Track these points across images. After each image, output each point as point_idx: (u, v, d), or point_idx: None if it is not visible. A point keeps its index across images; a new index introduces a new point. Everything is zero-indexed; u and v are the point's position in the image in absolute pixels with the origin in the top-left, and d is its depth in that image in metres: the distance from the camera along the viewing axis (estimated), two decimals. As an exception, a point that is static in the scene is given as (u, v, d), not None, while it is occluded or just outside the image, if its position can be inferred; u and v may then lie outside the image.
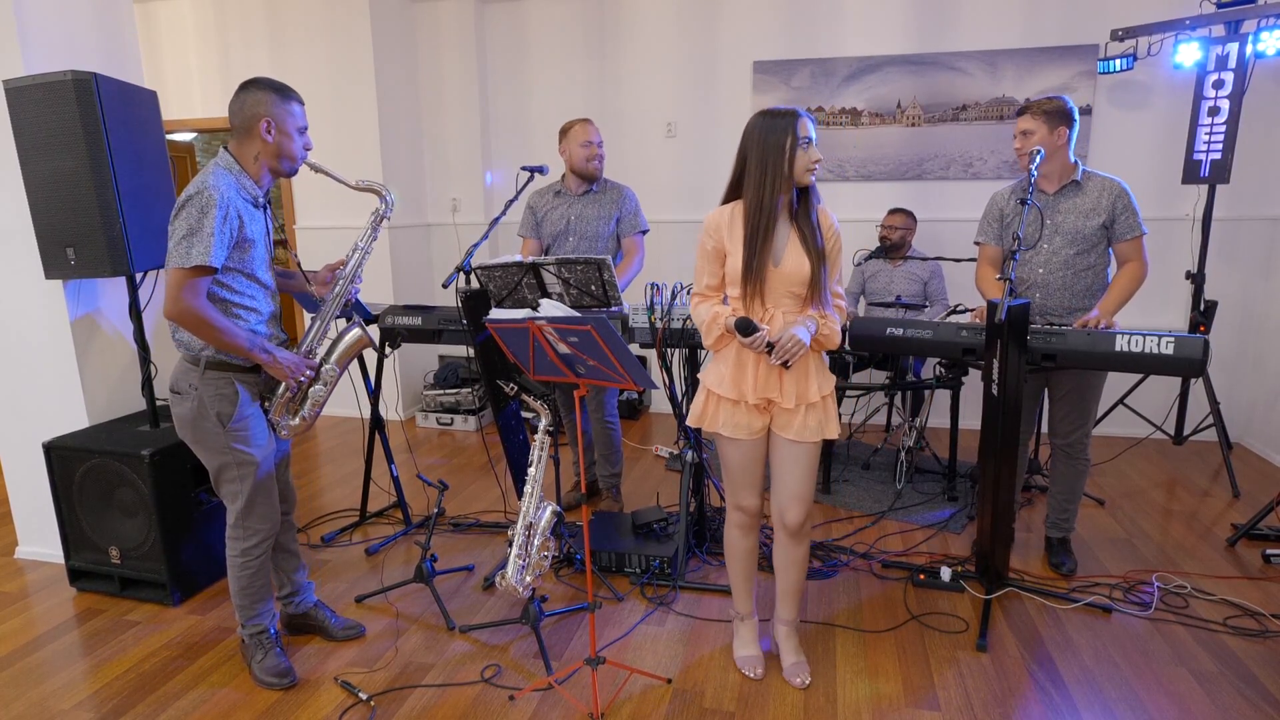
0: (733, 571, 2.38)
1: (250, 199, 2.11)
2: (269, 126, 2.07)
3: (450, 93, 5.11)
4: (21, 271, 2.88)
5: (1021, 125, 2.69)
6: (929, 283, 4.15)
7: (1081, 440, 2.81)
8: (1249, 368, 4.31)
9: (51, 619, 2.73)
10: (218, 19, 4.96)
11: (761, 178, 2.03)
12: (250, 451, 2.20)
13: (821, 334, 2.09)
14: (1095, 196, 2.68)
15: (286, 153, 2.12)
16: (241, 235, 2.06)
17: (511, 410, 3.05)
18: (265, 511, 2.27)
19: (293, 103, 2.12)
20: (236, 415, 2.16)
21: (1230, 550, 3.08)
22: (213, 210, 1.97)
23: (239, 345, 2.07)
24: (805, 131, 2.01)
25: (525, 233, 3.49)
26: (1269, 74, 3.98)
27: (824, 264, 2.08)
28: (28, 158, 2.66)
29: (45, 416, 2.97)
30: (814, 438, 2.14)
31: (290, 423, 2.28)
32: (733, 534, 2.33)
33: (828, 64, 4.59)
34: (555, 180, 3.46)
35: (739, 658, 2.39)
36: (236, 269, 2.10)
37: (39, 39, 2.77)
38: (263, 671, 2.31)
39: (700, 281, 2.20)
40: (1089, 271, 2.71)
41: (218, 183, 2.00)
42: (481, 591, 2.86)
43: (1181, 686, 2.25)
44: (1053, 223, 2.72)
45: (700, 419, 2.21)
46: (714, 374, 2.18)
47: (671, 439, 4.59)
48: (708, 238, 2.15)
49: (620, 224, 3.38)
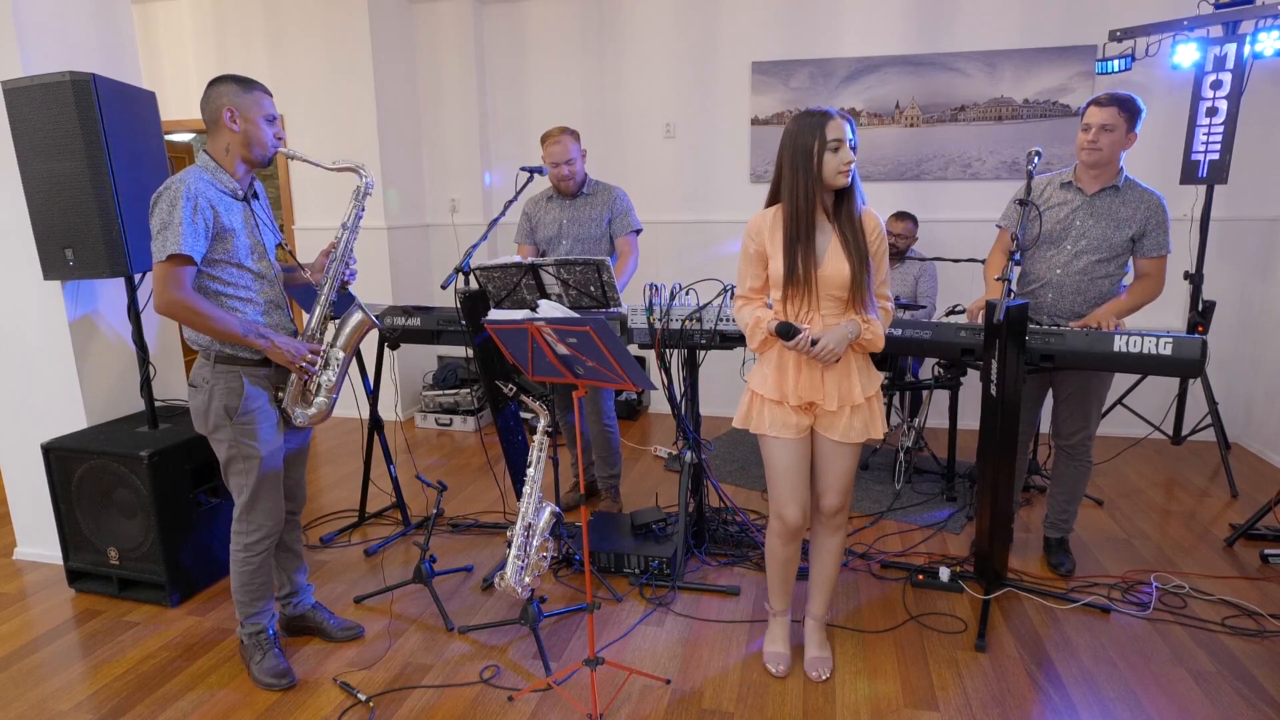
0: (771, 572, 2.37)
1: (228, 191, 2.14)
2: (233, 115, 2.10)
3: (449, 93, 5.11)
4: (20, 272, 2.88)
5: (1102, 118, 2.52)
6: (919, 280, 4.15)
7: (1085, 442, 2.81)
8: (1247, 368, 4.32)
9: (50, 620, 2.73)
10: (216, 20, 4.96)
11: (794, 181, 2.04)
12: (255, 445, 2.21)
13: (864, 338, 2.09)
14: (1133, 207, 2.60)
15: (254, 139, 2.13)
16: (219, 226, 2.09)
17: (510, 411, 3.05)
18: (269, 508, 2.28)
19: (256, 92, 2.13)
20: (242, 409, 2.18)
21: (1228, 550, 3.08)
22: (180, 202, 2.01)
23: (233, 332, 2.10)
24: (834, 133, 1.99)
25: (520, 239, 3.51)
26: (1267, 74, 3.99)
27: (866, 267, 2.06)
28: (26, 159, 2.65)
29: (44, 417, 2.97)
30: (859, 439, 2.15)
31: (306, 411, 2.27)
32: (773, 542, 2.31)
33: (826, 64, 4.60)
34: (548, 185, 3.46)
35: (766, 653, 2.40)
36: (223, 260, 2.12)
37: (37, 40, 2.77)
38: (261, 672, 2.31)
39: (743, 284, 2.19)
40: (1106, 280, 2.66)
41: (185, 177, 2.05)
42: (480, 592, 2.86)
43: (1180, 686, 2.25)
44: (1082, 224, 2.65)
45: (746, 420, 2.21)
46: (758, 376, 2.19)
47: (670, 439, 4.59)
48: (750, 241, 2.14)
49: (612, 224, 3.37)
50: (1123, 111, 2.53)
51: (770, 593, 2.41)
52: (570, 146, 3.26)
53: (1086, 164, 2.61)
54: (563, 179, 3.29)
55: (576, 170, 3.30)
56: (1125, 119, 2.53)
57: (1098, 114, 2.55)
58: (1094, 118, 2.55)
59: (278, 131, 2.19)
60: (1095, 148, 2.56)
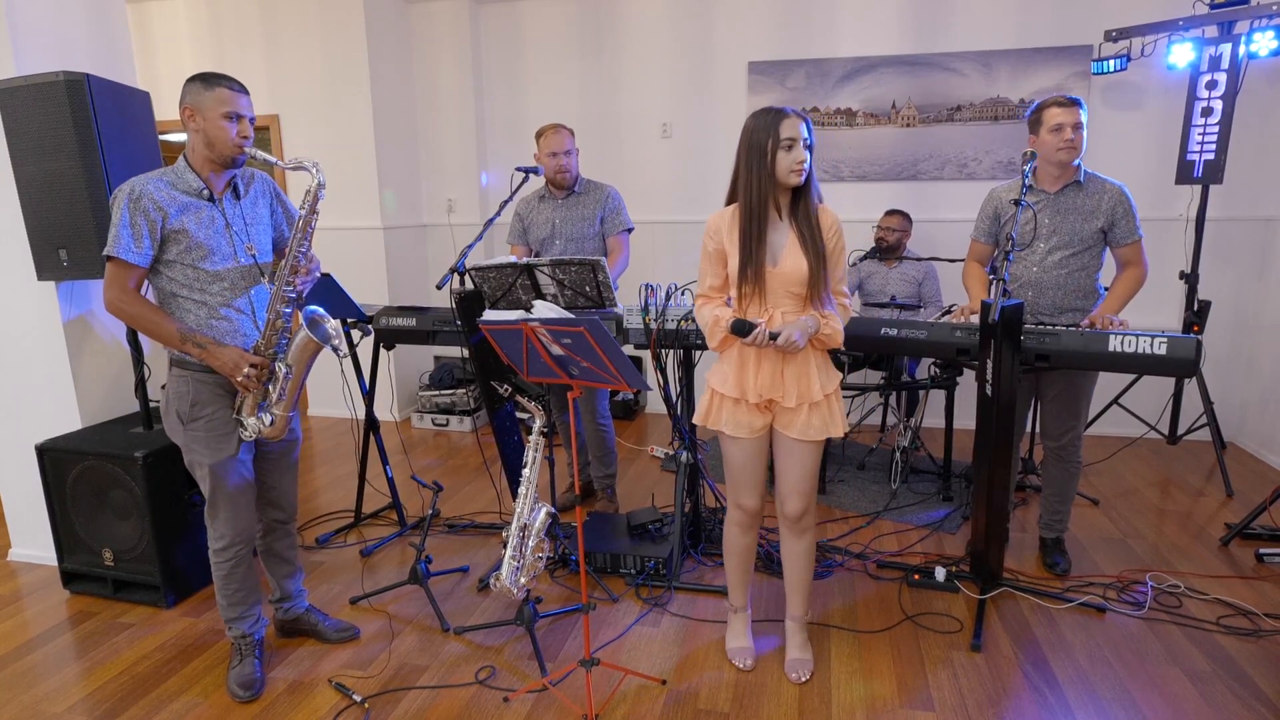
0: (729, 567, 2.40)
1: (188, 192, 2.11)
2: (190, 114, 2.07)
3: (445, 93, 5.10)
4: (13, 273, 2.87)
5: (1075, 117, 2.61)
6: (923, 284, 4.16)
7: (1073, 442, 2.81)
8: (1242, 367, 4.33)
9: (44, 622, 2.72)
10: (211, 19, 4.95)
11: (749, 179, 2.04)
12: (203, 453, 2.16)
13: (823, 333, 2.09)
14: (1096, 199, 2.67)
15: (212, 138, 2.07)
16: (168, 228, 2.06)
17: (506, 411, 3.05)
18: (229, 517, 2.22)
19: (219, 88, 2.05)
20: (191, 415, 2.15)
21: (1224, 550, 3.09)
22: (120, 205, 2.02)
23: (168, 338, 2.08)
24: (788, 132, 1.99)
25: (513, 240, 3.52)
26: (1262, 74, 3.99)
27: (823, 263, 2.06)
28: (19, 159, 2.65)
29: (38, 418, 2.96)
30: (817, 436, 2.14)
31: (257, 424, 2.16)
32: (732, 531, 2.35)
33: (823, 65, 4.60)
34: (540, 186, 3.47)
35: (730, 649, 2.42)
36: (177, 260, 2.09)
37: (30, 39, 2.76)
38: (232, 679, 2.29)
39: (703, 283, 2.21)
40: (1082, 272, 2.71)
41: (135, 180, 2.05)
42: (476, 593, 2.86)
43: (1175, 686, 2.25)
44: (1051, 222, 2.71)
45: (705, 417, 2.23)
46: (718, 374, 2.21)
47: (667, 439, 4.59)
48: (709, 239, 2.16)
49: (604, 223, 3.39)
50: (1083, 110, 2.63)
51: (730, 588, 2.43)
52: (568, 138, 3.30)
53: (1064, 163, 2.65)
54: (560, 170, 3.30)
55: (574, 162, 3.33)
56: (1084, 117, 2.63)
57: (1069, 114, 2.62)
58: (1067, 118, 2.62)
59: (243, 130, 2.09)
60: (1072, 146, 2.64)
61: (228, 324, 2.15)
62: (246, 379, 2.09)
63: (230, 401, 2.19)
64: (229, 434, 2.18)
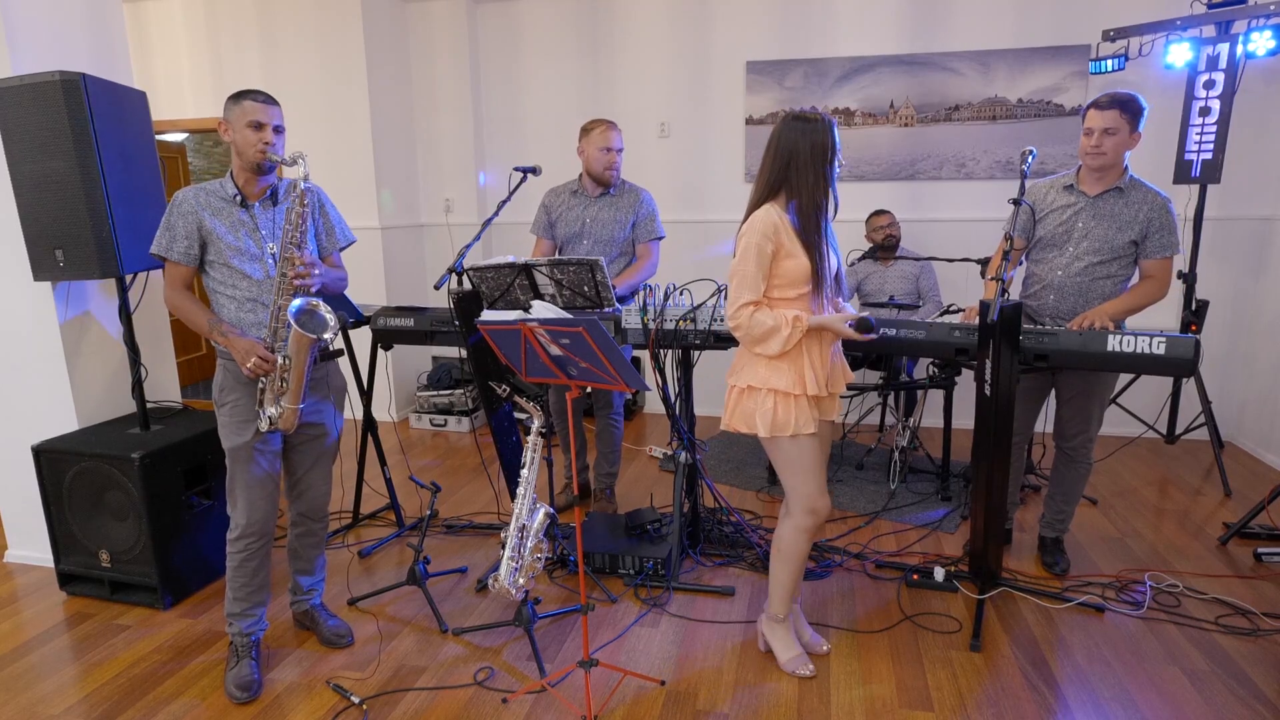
0: (794, 577, 2.33)
1: (224, 198, 2.26)
2: (224, 128, 2.25)
3: (443, 93, 5.10)
4: (10, 273, 2.86)
5: (1104, 122, 2.45)
6: (920, 278, 4.16)
7: (1086, 444, 2.80)
8: (1240, 367, 4.33)
9: (41, 623, 2.71)
10: (208, 19, 4.93)
11: (812, 177, 2.08)
12: (226, 436, 2.28)
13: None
14: (1135, 209, 2.55)
15: (239, 147, 2.22)
16: (205, 230, 2.23)
17: (504, 412, 3.04)
18: (244, 506, 2.28)
19: (245, 101, 2.20)
20: (220, 400, 2.30)
21: (1222, 549, 3.09)
22: (168, 209, 2.24)
23: (201, 328, 2.24)
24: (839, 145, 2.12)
25: (538, 232, 3.43)
26: (1259, 74, 4.00)
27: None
28: (15, 159, 2.64)
29: (34, 419, 2.95)
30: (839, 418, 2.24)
31: (268, 412, 2.24)
32: (802, 541, 2.27)
33: (821, 64, 4.60)
34: (572, 180, 3.39)
35: (785, 661, 2.35)
36: (214, 260, 2.26)
37: (26, 39, 2.75)
38: (229, 681, 2.30)
39: (755, 288, 2.10)
40: (1108, 280, 2.62)
41: (186, 189, 2.25)
42: (474, 594, 2.85)
43: (1174, 685, 2.25)
44: (1085, 226, 2.61)
45: (775, 427, 2.13)
46: (780, 377, 2.12)
47: (665, 440, 4.58)
48: (766, 241, 2.07)
49: (636, 228, 3.31)
50: (1124, 113, 2.47)
51: (780, 600, 2.35)
52: (618, 135, 3.25)
53: (1091, 168, 2.57)
54: (610, 166, 3.23)
55: (621, 161, 3.28)
56: (1128, 120, 2.47)
57: (1099, 118, 2.49)
58: (1095, 122, 2.49)
59: (264, 137, 2.20)
60: (1099, 152, 2.51)
61: (253, 317, 2.28)
62: (254, 367, 2.18)
63: (253, 391, 2.27)
64: (248, 421, 2.27)
